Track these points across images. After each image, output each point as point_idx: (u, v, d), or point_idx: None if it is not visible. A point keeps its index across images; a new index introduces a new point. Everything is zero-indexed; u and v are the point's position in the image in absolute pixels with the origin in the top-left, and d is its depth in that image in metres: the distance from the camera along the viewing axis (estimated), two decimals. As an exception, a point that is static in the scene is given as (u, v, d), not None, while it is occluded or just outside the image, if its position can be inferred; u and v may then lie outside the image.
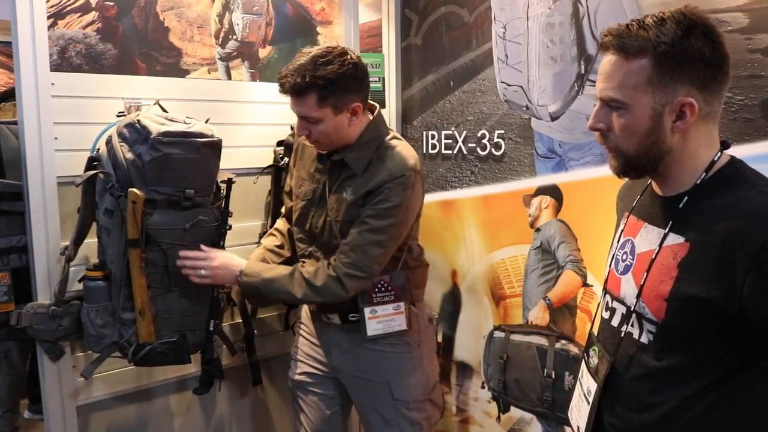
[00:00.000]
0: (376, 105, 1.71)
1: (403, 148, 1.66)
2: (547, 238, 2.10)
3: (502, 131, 2.20)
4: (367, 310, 1.69)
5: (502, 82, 2.17)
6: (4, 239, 1.75)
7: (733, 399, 1.02)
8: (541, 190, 2.11)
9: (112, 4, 1.83)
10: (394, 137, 1.69)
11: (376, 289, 1.69)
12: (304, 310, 1.91)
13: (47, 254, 1.72)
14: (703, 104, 1.01)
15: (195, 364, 1.93)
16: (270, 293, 1.69)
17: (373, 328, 1.69)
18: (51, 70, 1.71)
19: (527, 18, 2.06)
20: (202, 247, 1.70)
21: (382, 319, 1.70)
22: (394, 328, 1.71)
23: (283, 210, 1.96)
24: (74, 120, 1.76)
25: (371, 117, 1.67)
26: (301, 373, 1.87)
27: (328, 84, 1.54)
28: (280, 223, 1.93)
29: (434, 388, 1.83)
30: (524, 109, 2.11)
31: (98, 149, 1.71)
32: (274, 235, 1.91)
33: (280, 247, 1.88)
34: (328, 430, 1.85)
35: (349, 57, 1.57)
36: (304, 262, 1.76)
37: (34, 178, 1.69)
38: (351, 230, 1.63)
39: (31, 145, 1.69)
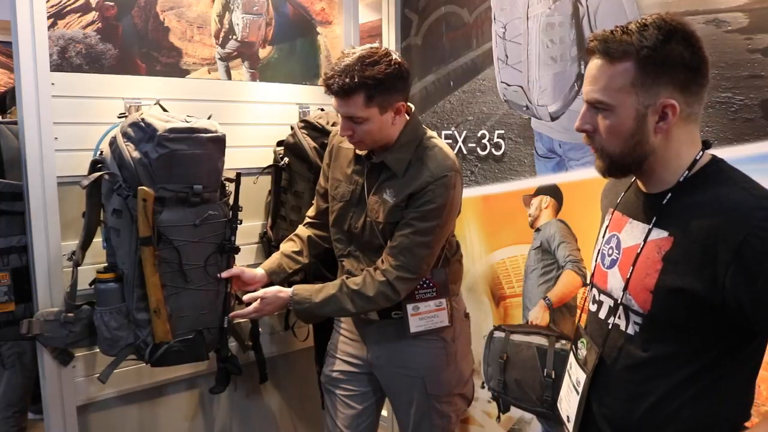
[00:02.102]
0: (411, 105, 1.71)
1: (442, 147, 1.68)
2: (547, 238, 2.10)
3: (502, 131, 2.20)
4: (409, 307, 1.71)
5: (502, 82, 2.17)
6: (4, 239, 1.75)
7: (717, 388, 1.06)
8: (541, 190, 2.11)
9: (112, 4, 1.83)
10: (432, 137, 1.71)
11: (419, 287, 1.71)
12: None
13: (47, 254, 1.72)
14: (684, 105, 1.05)
15: (196, 364, 1.93)
16: (324, 314, 1.70)
17: (416, 324, 1.71)
18: (51, 70, 1.71)
19: (527, 18, 2.06)
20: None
21: (425, 315, 1.72)
22: (436, 325, 1.73)
23: (309, 213, 1.95)
24: (74, 120, 1.76)
25: (408, 117, 1.68)
26: (334, 370, 1.89)
27: (377, 84, 1.55)
28: (301, 230, 1.93)
29: (467, 382, 1.85)
30: (524, 109, 2.11)
31: (101, 152, 1.71)
32: (293, 240, 1.91)
33: (298, 253, 1.88)
34: (359, 425, 1.86)
35: (394, 57, 1.59)
36: (343, 261, 1.79)
37: (34, 178, 1.69)
38: (396, 233, 1.64)
39: (31, 145, 1.69)
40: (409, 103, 1.69)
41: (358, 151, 1.72)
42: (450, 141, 2.36)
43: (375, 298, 1.64)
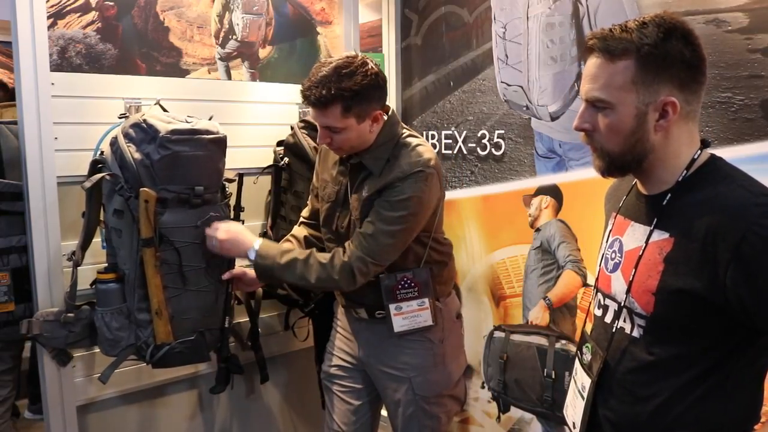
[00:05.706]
0: (389, 105, 1.72)
1: (418, 145, 1.68)
2: (547, 238, 2.10)
3: (502, 131, 2.20)
4: (392, 307, 1.71)
5: (502, 82, 2.17)
6: (4, 239, 1.75)
7: (723, 389, 1.05)
8: (541, 190, 2.11)
9: (112, 4, 1.83)
10: (410, 135, 1.71)
11: (400, 286, 1.71)
12: (339, 305, 1.93)
13: (47, 254, 1.72)
14: (684, 103, 1.05)
15: (196, 364, 1.93)
16: (284, 278, 1.69)
17: (399, 324, 1.72)
18: (51, 70, 1.71)
19: (527, 18, 2.06)
20: (215, 223, 1.71)
21: (408, 315, 1.72)
22: (420, 324, 1.73)
23: (304, 214, 1.96)
24: (74, 120, 1.76)
25: (386, 118, 1.68)
26: (332, 366, 1.91)
27: (353, 95, 1.56)
28: (297, 230, 1.94)
29: (457, 383, 1.84)
30: (524, 109, 2.11)
31: (101, 152, 1.71)
32: (290, 241, 1.91)
33: None
34: (356, 421, 1.87)
35: (370, 67, 1.59)
36: None
37: (34, 178, 1.69)
38: (365, 220, 1.65)
39: (31, 145, 1.69)
40: (387, 104, 1.69)
41: (338, 155, 1.74)
42: (450, 141, 2.36)
43: (336, 277, 1.62)
